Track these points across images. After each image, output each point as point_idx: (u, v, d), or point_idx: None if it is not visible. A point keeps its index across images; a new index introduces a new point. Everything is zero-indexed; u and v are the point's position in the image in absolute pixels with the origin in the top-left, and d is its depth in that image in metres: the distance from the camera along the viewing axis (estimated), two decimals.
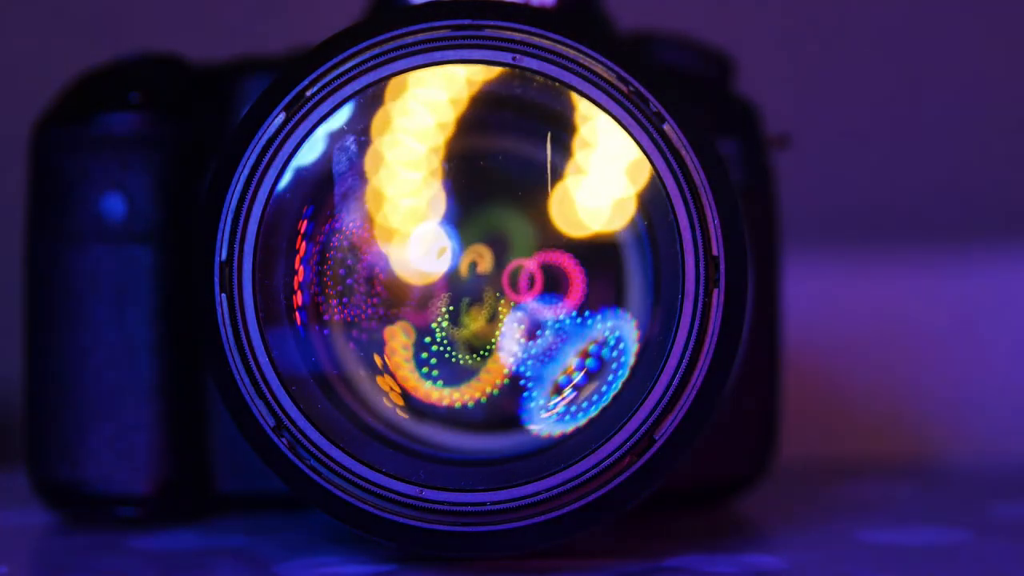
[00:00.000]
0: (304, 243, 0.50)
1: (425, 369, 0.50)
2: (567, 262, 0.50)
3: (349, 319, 0.51)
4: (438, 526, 0.48)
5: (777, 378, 0.60)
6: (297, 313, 0.50)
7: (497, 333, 0.50)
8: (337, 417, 0.49)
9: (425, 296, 0.51)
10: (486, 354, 0.50)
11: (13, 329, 0.59)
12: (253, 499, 0.58)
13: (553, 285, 0.50)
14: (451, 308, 0.50)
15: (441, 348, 0.50)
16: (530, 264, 0.50)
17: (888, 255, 0.92)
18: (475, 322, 0.50)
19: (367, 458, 0.48)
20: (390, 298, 0.51)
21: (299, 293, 0.50)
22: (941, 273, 0.91)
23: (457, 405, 0.50)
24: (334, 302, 0.50)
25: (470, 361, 0.50)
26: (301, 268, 0.50)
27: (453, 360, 0.50)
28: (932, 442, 0.89)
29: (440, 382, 0.50)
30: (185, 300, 0.56)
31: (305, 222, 0.50)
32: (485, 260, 0.51)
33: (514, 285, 0.50)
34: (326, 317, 0.50)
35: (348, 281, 0.50)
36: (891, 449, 0.89)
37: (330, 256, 0.50)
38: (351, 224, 0.50)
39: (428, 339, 0.50)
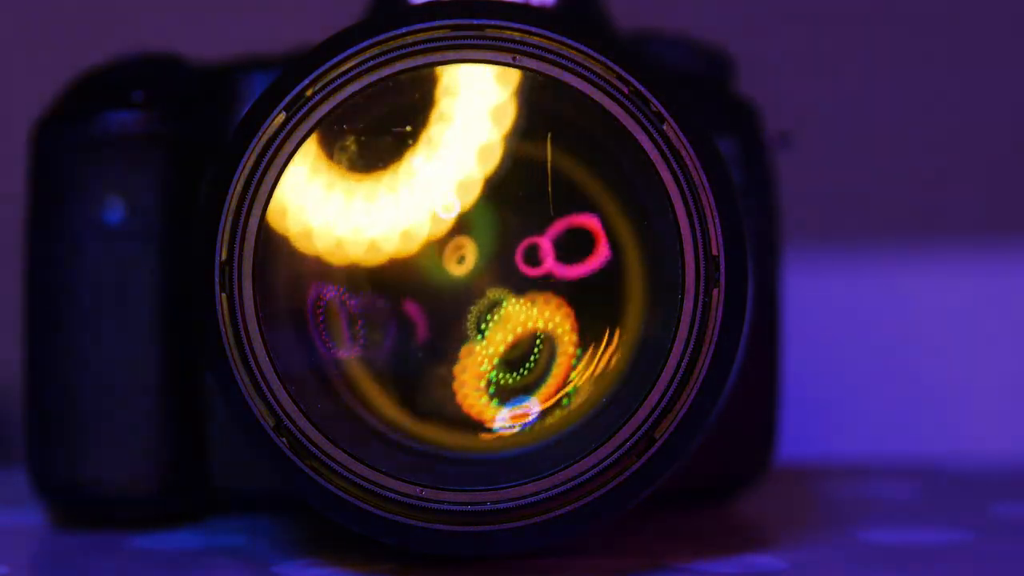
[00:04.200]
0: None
1: (492, 391, 0.50)
2: (590, 223, 0.50)
3: (350, 317, 0.50)
4: (438, 526, 0.48)
5: (777, 378, 0.60)
6: (297, 312, 0.50)
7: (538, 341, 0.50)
8: (337, 417, 0.49)
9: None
10: (530, 368, 0.50)
11: (13, 329, 0.59)
12: (253, 499, 0.58)
13: (569, 252, 0.50)
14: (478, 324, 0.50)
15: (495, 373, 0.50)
16: (543, 241, 0.50)
17: (887, 253, 0.92)
18: (501, 333, 0.50)
19: (367, 458, 0.48)
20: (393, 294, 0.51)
21: (298, 292, 0.50)
22: (941, 272, 0.91)
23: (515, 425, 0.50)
24: (333, 301, 0.50)
25: (515, 379, 0.50)
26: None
27: (503, 382, 0.50)
28: (932, 442, 0.89)
29: (495, 400, 0.50)
30: (185, 300, 0.56)
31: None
32: (470, 252, 0.51)
33: (529, 260, 0.50)
34: (325, 317, 0.50)
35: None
36: (891, 449, 0.89)
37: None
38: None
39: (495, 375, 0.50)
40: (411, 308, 0.51)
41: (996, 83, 0.96)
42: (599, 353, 0.50)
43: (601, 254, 0.50)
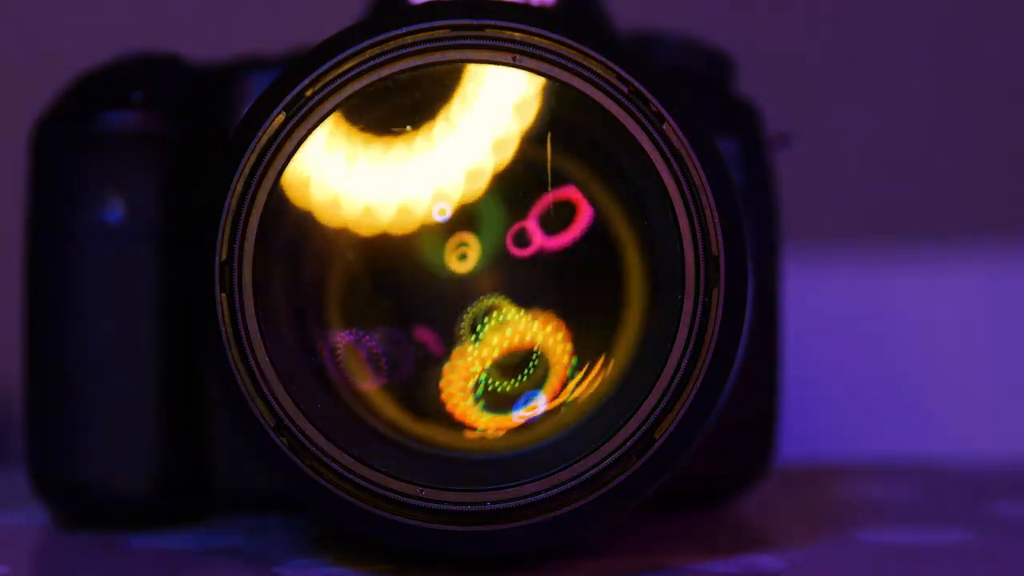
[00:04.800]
0: (304, 242, 0.50)
1: (480, 403, 0.51)
2: (571, 194, 0.50)
3: (351, 317, 0.51)
4: (438, 526, 0.48)
5: (777, 377, 0.60)
6: (297, 312, 0.50)
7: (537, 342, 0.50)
8: (337, 417, 0.49)
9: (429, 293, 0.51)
10: (527, 375, 0.50)
11: (13, 329, 0.59)
12: (253, 499, 0.58)
13: (556, 225, 0.50)
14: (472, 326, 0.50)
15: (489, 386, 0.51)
16: (529, 223, 0.50)
17: (886, 254, 0.92)
18: (496, 334, 0.50)
19: (367, 458, 0.48)
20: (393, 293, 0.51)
21: (300, 292, 0.50)
22: (940, 272, 0.91)
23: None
24: (335, 300, 0.50)
25: (512, 386, 0.51)
26: (301, 267, 0.50)
27: (495, 390, 0.50)
28: (932, 442, 0.89)
29: (484, 408, 0.50)
30: (185, 300, 0.56)
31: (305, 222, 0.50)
32: (473, 249, 0.51)
33: (520, 242, 0.50)
34: (327, 316, 0.50)
35: (348, 279, 0.50)
36: (891, 449, 0.89)
37: (330, 254, 0.50)
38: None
39: (480, 385, 0.50)
40: (416, 315, 0.51)
41: (995, 84, 0.96)
42: (595, 368, 0.50)
43: (583, 219, 0.50)
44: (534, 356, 0.50)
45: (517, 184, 0.50)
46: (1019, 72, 0.96)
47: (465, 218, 0.50)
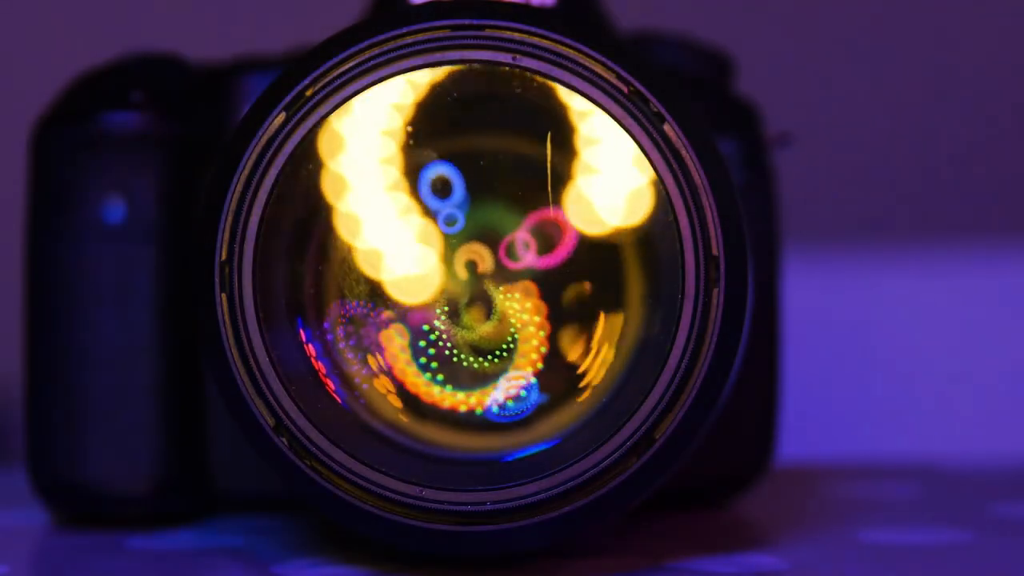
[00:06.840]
0: (304, 243, 0.50)
1: (428, 374, 0.50)
2: (557, 216, 0.50)
3: (348, 318, 0.51)
4: (438, 526, 0.48)
5: (777, 378, 0.60)
6: (297, 312, 0.50)
7: (512, 332, 0.50)
8: (337, 417, 0.49)
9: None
10: (503, 356, 0.50)
11: (14, 329, 0.59)
12: (253, 499, 0.58)
13: (547, 245, 0.50)
14: (447, 309, 0.50)
15: (442, 348, 0.50)
16: (521, 233, 0.50)
17: (886, 254, 0.92)
18: (477, 322, 0.50)
19: (367, 458, 0.48)
20: (390, 297, 0.51)
21: (299, 293, 0.50)
22: (941, 272, 0.91)
23: (478, 411, 0.50)
24: (334, 302, 0.50)
25: (484, 365, 0.50)
26: (301, 268, 0.50)
27: (456, 361, 0.50)
28: (932, 442, 0.89)
29: (448, 386, 0.50)
30: (185, 300, 0.56)
31: (304, 222, 0.50)
32: (485, 260, 0.51)
33: (511, 255, 0.50)
34: (326, 317, 0.50)
35: (347, 280, 0.50)
36: (891, 449, 0.89)
37: (330, 255, 0.50)
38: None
39: (424, 342, 0.50)
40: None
41: (996, 84, 0.96)
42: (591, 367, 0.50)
43: (569, 243, 0.50)
44: (512, 333, 0.50)
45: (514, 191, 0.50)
46: (1019, 71, 0.96)
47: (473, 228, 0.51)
